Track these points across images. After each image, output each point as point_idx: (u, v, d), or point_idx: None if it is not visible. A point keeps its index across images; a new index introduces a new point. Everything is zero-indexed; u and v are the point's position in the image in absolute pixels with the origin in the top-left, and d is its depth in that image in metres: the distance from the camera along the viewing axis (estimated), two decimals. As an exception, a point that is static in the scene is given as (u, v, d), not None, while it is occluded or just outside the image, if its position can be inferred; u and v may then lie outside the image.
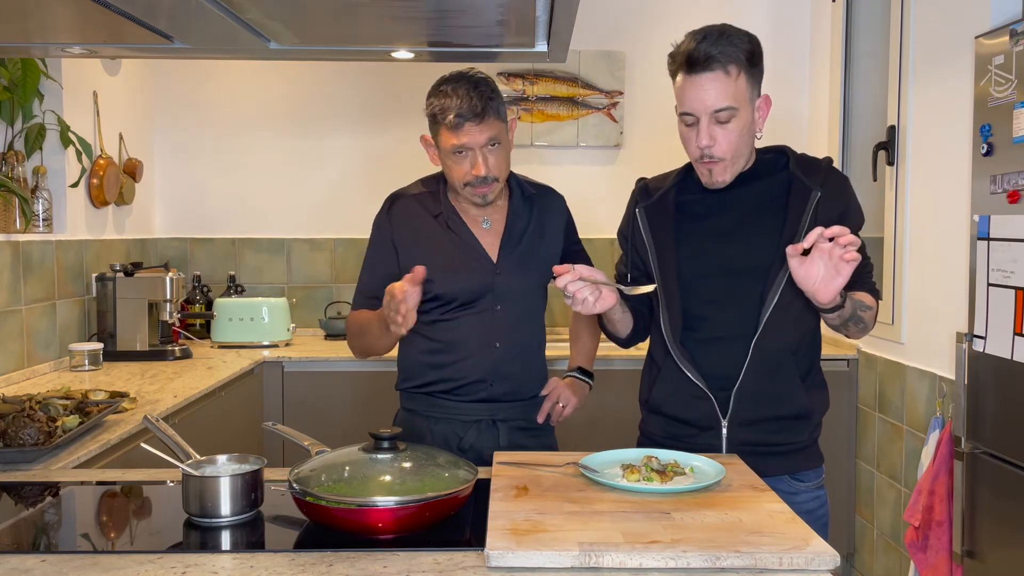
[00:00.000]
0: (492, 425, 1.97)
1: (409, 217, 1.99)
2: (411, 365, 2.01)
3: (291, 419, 3.40)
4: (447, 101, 1.84)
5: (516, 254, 1.98)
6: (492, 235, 1.99)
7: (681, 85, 1.70)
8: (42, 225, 3.04)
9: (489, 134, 1.85)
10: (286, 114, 4.08)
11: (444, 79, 1.88)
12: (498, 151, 1.88)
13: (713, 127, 1.69)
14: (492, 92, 1.86)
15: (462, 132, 1.84)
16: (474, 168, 1.86)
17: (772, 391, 1.75)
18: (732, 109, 1.67)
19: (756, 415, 1.75)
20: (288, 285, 4.11)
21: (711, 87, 1.66)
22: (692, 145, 1.72)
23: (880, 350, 3.24)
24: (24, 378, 2.84)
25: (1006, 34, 2.29)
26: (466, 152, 1.86)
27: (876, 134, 3.28)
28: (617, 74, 4.02)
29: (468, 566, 1.19)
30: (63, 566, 1.19)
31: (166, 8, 1.58)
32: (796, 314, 1.74)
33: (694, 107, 1.68)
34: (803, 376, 1.78)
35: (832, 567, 1.17)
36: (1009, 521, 2.29)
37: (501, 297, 1.95)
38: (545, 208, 2.05)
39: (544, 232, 2.03)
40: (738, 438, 1.75)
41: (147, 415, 1.57)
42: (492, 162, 1.87)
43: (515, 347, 1.98)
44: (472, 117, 1.82)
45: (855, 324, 1.72)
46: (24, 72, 2.89)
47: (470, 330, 1.94)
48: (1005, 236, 2.27)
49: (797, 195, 1.75)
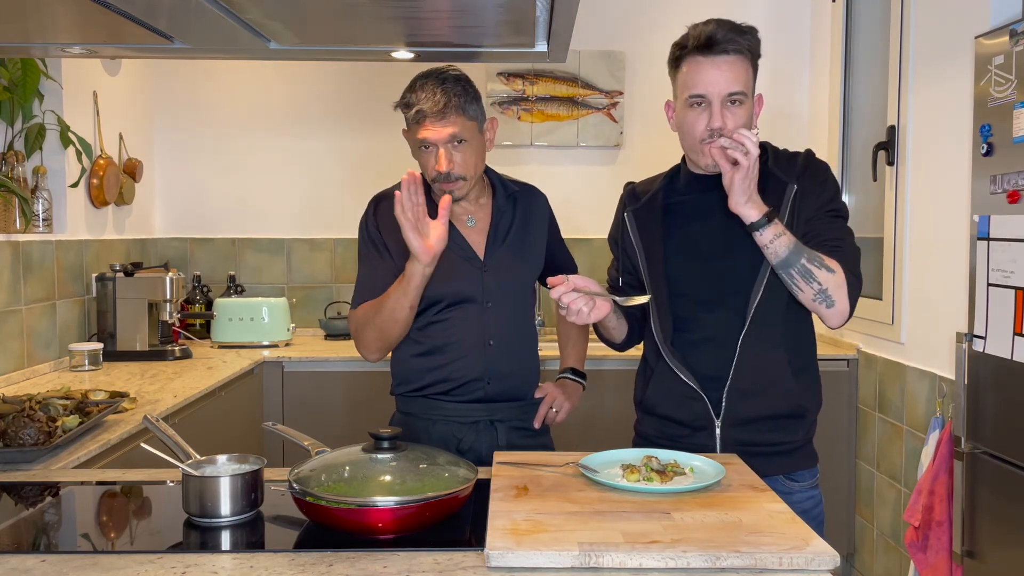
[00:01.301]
0: (490, 426, 1.97)
1: (393, 217, 1.98)
2: (405, 369, 2.00)
3: (291, 419, 3.40)
4: (412, 96, 1.86)
5: (503, 251, 1.98)
6: (478, 233, 1.98)
7: (693, 68, 1.70)
8: (42, 225, 3.04)
9: (452, 131, 1.84)
10: (286, 114, 4.08)
11: (418, 75, 1.89)
12: (464, 149, 1.87)
13: (725, 111, 1.69)
14: (462, 90, 1.86)
15: (423, 127, 1.85)
16: (437, 165, 1.86)
17: (764, 389, 1.75)
18: (743, 95, 1.69)
19: (749, 414, 1.75)
20: (288, 285, 4.11)
21: (728, 69, 1.67)
22: (700, 127, 1.70)
23: (880, 350, 3.24)
24: (24, 378, 2.84)
25: (1006, 34, 2.29)
26: (431, 148, 1.86)
27: (876, 134, 3.27)
28: (617, 74, 4.02)
29: (468, 566, 1.19)
30: (63, 566, 1.19)
31: (166, 8, 1.58)
32: (784, 311, 1.74)
33: (708, 88, 1.68)
34: (796, 373, 1.77)
35: (832, 567, 1.17)
36: (1009, 521, 2.29)
37: (491, 295, 1.95)
38: (528, 206, 2.06)
39: (528, 230, 2.03)
40: (732, 438, 1.75)
41: (147, 415, 1.57)
42: (457, 160, 1.87)
43: (509, 344, 1.98)
44: (433, 114, 1.83)
45: (804, 279, 1.64)
46: (24, 72, 2.89)
47: (463, 329, 1.94)
48: (1005, 236, 2.27)
49: (773, 192, 1.74)
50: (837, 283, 1.66)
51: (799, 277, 1.65)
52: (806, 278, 1.64)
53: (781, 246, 1.62)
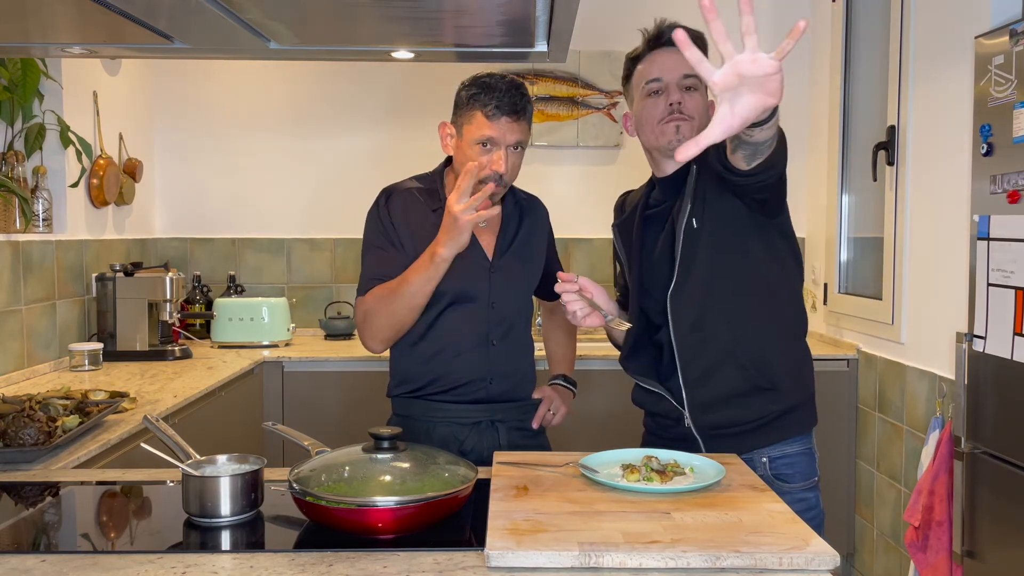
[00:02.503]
0: (492, 426, 1.97)
1: (406, 210, 1.97)
2: (406, 368, 1.99)
3: (291, 419, 3.40)
4: (489, 90, 1.84)
5: (509, 254, 2.00)
6: (487, 234, 1.99)
7: (649, 60, 1.80)
8: (42, 225, 3.04)
9: (518, 136, 1.86)
10: (286, 114, 4.08)
11: (486, 74, 1.89)
12: (518, 156, 1.89)
13: (682, 92, 1.76)
14: (529, 104, 1.89)
15: (497, 124, 1.83)
16: (495, 164, 1.85)
17: (710, 372, 1.77)
18: (697, 80, 1.74)
19: (710, 397, 1.77)
20: (288, 285, 4.11)
21: (681, 56, 1.69)
22: (659, 107, 1.77)
23: (880, 350, 3.24)
24: (24, 378, 2.84)
25: (1006, 34, 2.29)
26: (491, 147, 1.85)
27: (876, 134, 3.27)
28: (617, 74, 3.96)
29: (468, 566, 1.19)
30: (63, 566, 1.19)
31: (166, 8, 1.58)
32: (699, 292, 1.75)
33: (664, 73, 1.77)
34: (746, 350, 1.75)
35: (832, 567, 1.17)
36: (1009, 521, 2.29)
37: (496, 295, 1.96)
38: (532, 216, 2.08)
39: (531, 239, 2.06)
40: (705, 422, 1.79)
41: (147, 415, 1.57)
42: (511, 163, 1.88)
43: (510, 346, 1.99)
44: (511, 112, 1.84)
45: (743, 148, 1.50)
46: (24, 72, 2.89)
47: (466, 328, 1.95)
48: (1005, 236, 2.27)
49: (677, 178, 1.80)
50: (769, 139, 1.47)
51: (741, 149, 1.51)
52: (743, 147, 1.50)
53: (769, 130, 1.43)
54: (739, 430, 1.78)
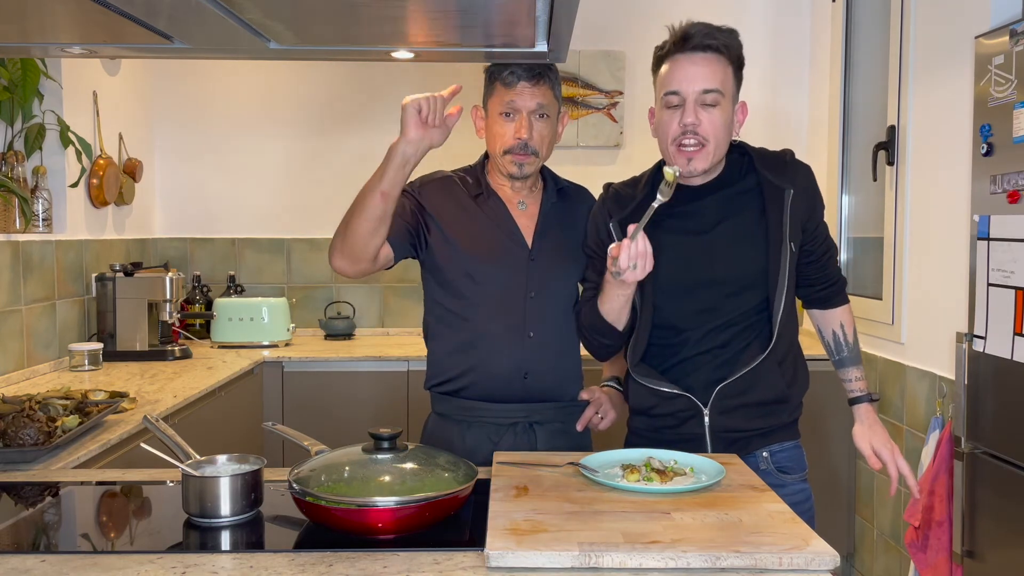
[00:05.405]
0: (529, 428, 1.89)
1: (444, 193, 1.94)
2: (440, 360, 1.93)
3: (291, 419, 3.40)
4: (508, 63, 1.85)
5: (550, 241, 1.93)
6: (527, 218, 1.94)
7: (670, 66, 1.72)
8: (42, 225, 3.04)
9: (540, 100, 1.85)
10: (286, 114, 4.08)
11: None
12: (545, 124, 1.88)
13: (699, 109, 1.69)
14: (554, 73, 1.89)
15: (515, 90, 1.84)
16: (518, 131, 1.84)
17: (752, 382, 1.76)
18: (719, 93, 1.69)
19: (736, 403, 1.77)
20: (288, 285, 4.11)
21: (704, 66, 1.68)
22: (674, 125, 1.71)
23: (880, 350, 3.24)
24: (24, 378, 2.84)
25: (1006, 34, 2.29)
26: (514, 115, 1.85)
27: (876, 134, 3.27)
28: (617, 74, 4.02)
29: (468, 566, 1.19)
30: (63, 566, 1.19)
31: (166, 8, 1.58)
32: (771, 315, 1.77)
33: (682, 85, 1.69)
34: (780, 363, 1.79)
35: (832, 567, 1.17)
36: (1009, 521, 2.29)
37: (534, 284, 1.89)
38: (576, 203, 2.00)
39: (575, 226, 1.96)
40: (721, 425, 1.77)
41: (147, 415, 1.57)
42: (536, 130, 1.86)
43: (550, 339, 1.91)
44: (529, 77, 1.84)
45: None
46: (24, 72, 2.89)
47: (502, 318, 1.88)
48: (1005, 236, 2.27)
49: (772, 199, 1.75)
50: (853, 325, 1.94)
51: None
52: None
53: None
54: (751, 434, 1.79)
